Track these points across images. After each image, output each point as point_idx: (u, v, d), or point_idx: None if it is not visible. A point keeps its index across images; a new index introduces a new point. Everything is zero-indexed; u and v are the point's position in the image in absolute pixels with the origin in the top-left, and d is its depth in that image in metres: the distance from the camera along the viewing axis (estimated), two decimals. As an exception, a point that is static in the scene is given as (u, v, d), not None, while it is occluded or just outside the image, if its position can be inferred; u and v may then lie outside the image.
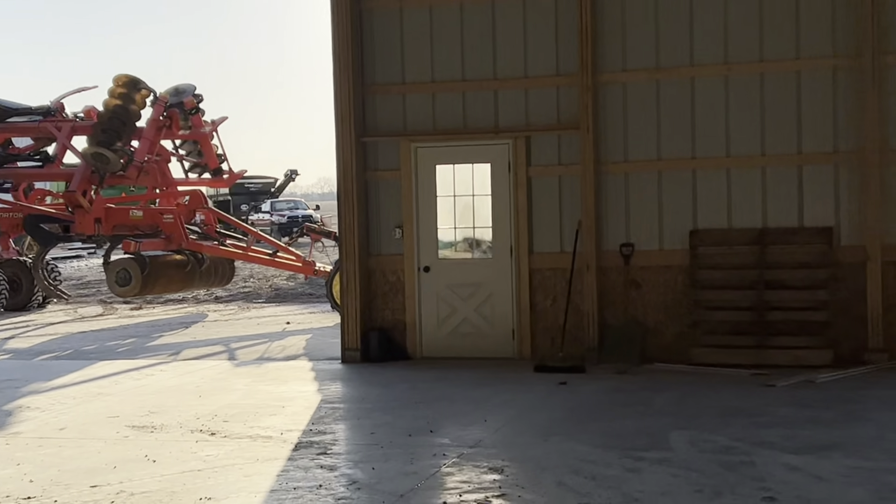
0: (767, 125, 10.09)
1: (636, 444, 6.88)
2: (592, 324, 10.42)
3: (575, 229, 10.52)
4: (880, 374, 9.31)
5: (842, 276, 9.91)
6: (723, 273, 10.21)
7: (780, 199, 10.08)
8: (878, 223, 9.72)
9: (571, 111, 10.53)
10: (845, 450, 6.55)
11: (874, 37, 9.62)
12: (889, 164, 9.76)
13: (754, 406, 8.07)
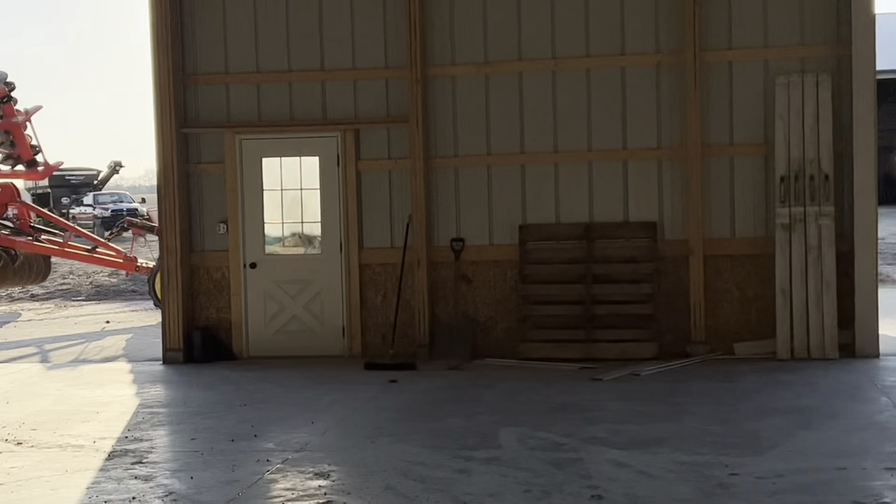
0: (594, 120, 10.16)
1: (466, 443, 6.76)
2: (423, 320, 10.30)
3: (405, 224, 10.37)
4: (702, 365, 9.50)
5: (666, 270, 10.07)
6: (551, 268, 10.24)
7: (606, 194, 10.18)
8: (699, 218, 9.92)
9: (401, 104, 10.37)
10: (671, 444, 6.60)
11: (696, 34, 9.80)
12: (710, 160, 9.97)
13: (583, 401, 8.08)
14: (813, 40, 9.76)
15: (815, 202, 9.66)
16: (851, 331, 9.69)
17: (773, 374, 8.90)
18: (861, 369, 9.01)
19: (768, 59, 9.82)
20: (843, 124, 9.72)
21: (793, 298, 9.66)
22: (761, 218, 9.96)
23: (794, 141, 9.70)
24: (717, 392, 8.26)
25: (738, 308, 10.00)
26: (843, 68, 9.68)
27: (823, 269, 9.63)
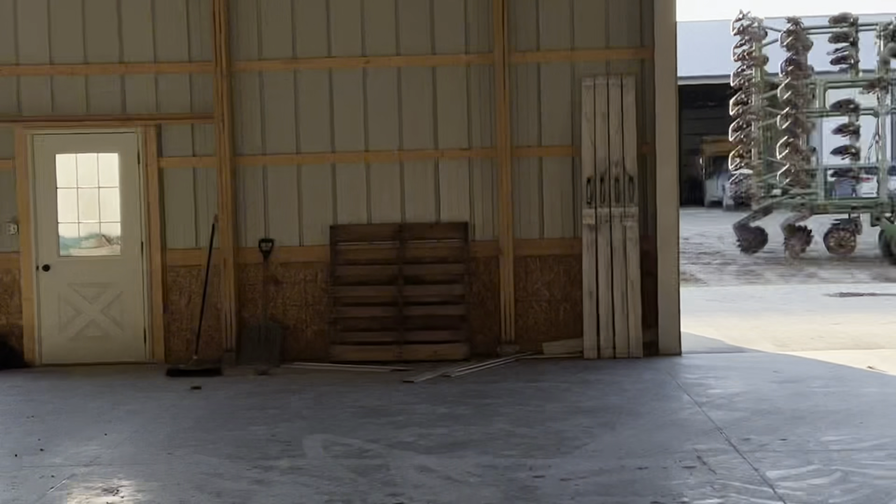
0: (405, 120, 10.06)
1: (268, 452, 6.52)
2: (230, 323, 9.96)
3: (211, 224, 10.00)
4: (512, 366, 9.52)
5: (477, 271, 10.06)
6: (363, 269, 10.08)
7: (418, 195, 10.08)
8: (509, 219, 9.94)
9: (206, 100, 10.00)
10: (478, 447, 6.53)
11: (504, 36, 9.81)
12: (519, 161, 10.00)
13: (392, 404, 7.95)
14: (618, 44, 9.92)
15: (620, 203, 9.83)
16: (655, 329, 9.90)
17: (580, 374, 8.99)
18: (664, 367, 9.20)
19: (575, 62, 9.93)
20: (646, 127, 9.92)
21: (599, 298, 9.79)
22: (569, 219, 10.06)
23: (599, 143, 9.84)
24: (526, 392, 8.27)
25: (548, 308, 10.07)
26: (647, 72, 9.88)
27: (628, 270, 9.81)
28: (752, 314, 12.68)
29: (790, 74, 19.17)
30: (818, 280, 16.66)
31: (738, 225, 20.53)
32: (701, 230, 30.37)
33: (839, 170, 19.87)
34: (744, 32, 20.06)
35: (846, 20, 19.52)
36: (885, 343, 10.18)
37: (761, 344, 10.43)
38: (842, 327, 11.32)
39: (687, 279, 17.24)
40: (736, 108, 20.20)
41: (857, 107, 19.35)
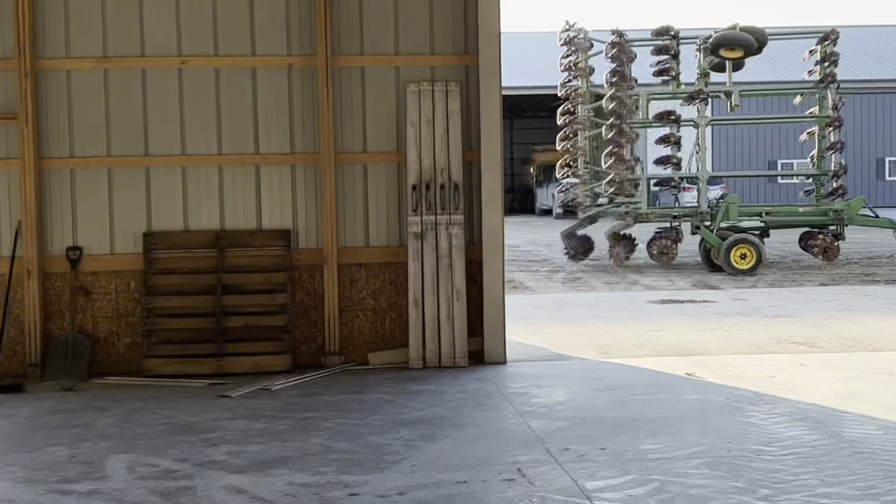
0: (224, 123, 9.69)
1: (66, 474, 6.08)
2: (35, 336, 9.37)
3: (14, 231, 9.40)
4: (336, 377, 9.27)
5: (300, 280, 9.77)
6: (179, 278, 9.65)
7: (239, 201, 9.73)
8: (333, 226, 9.70)
9: (9, 99, 9.40)
10: (294, 464, 6.26)
11: (327, 38, 9.57)
12: (344, 167, 9.78)
13: (206, 420, 7.58)
14: (443, 50, 9.81)
15: (445, 211, 9.71)
16: (481, 338, 9.83)
17: (404, 385, 8.81)
18: (489, 376, 9.12)
19: (400, 67, 9.77)
20: (472, 134, 9.84)
21: (425, 307, 9.65)
22: (395, 227, 9.89)
23: (425, 149, 9.71)
24: (348, 405, 8.03)
25: (373, 317, 9.87)
26: (472, 79, 9.80)
27: (454, 278, 9.70)
28: (577, 321, 12.79)
29: (615, 86, 19.56)
30: (641, 287, 17.01)
31: (566, 233, 20.82)
32: (531, 238, 30.84)
33: (662, 179, 20.39)
34: (570, 43, 20.38)
35: (668, 33, 20.07)
36: (703, 349, 10.38)
37: (585, 351, 10.49)
38: (662, 334, 11.51)
39: (516, 286, 17.37)
40: (563, 118, 20.49)
41: (678, 118, 19.90)
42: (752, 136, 45.74)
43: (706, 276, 18.47)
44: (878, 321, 12.12)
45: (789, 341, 10.80)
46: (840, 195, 19.77)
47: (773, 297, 15.11)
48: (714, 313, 13.32)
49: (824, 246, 19.49)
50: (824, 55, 20.15)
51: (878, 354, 9.77)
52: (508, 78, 43.72)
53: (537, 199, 47.77)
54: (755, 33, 20.00)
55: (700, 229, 19.50)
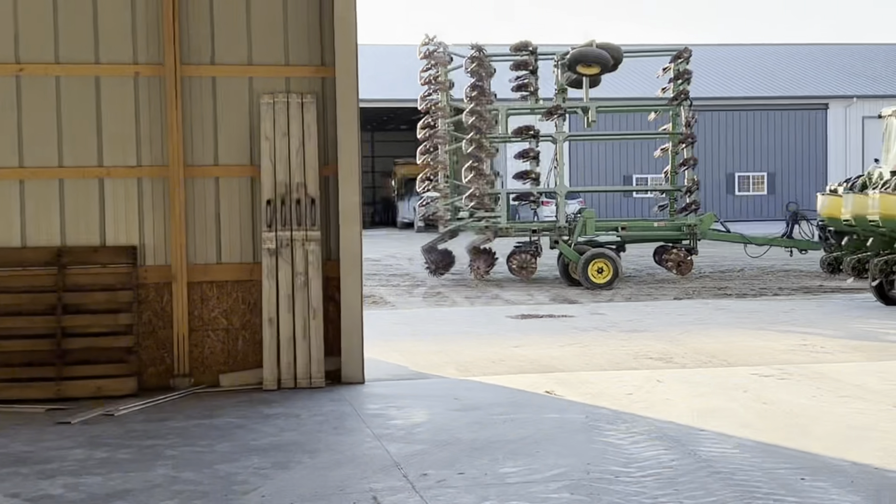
0: (65, 134, 9.19)
1: None
2: None
3: None
4: (185, 400, 8.86)
5: (148, 299, 9.33)
6: (14, 297, 9.08)
7: (81, 216, 9.23)
8: (183, 242, 9.30)
9: None
10: (135, 498, 5.89)
11: (176, 46, 9.18)
12: (194, 181, 9.39)
13: (42, 450, 7.10)
14: (298, 61, 9.52)
15: (301, 227, 9.42)
16: (338, 357, 9.56)
17: (257, 407, 8.47)
18: (346, 397, 8.86)
19: (253, 77, 9.44)
20: (329, 147, 9.58)
21: (280, 326, 9.33)
22: (249, 243, 9.55)
23: (280, 163, 9.40)
24: (196, 431, 7.65)
25: (225, 337, 9.50)
26: (328, 91, 9.55)
27: (310, 296, 9.40)
28: (437, 338, 12.63)
29: (474, 100, 19.54)
30: (502, 302, 16.99)
31: (426, 247, 20.70)
32: (392, 251, 30.66)
33: (521, 194, 20.47)
34: (430, 57, 20.28)
35: (526, 48, 20.17)
36: (563, 366, 10.33)
37: (445, 369, 10.33)
38: (522, 350, 11.45)
39: (376, 302, 17.14)
40: (423, 132, 20.36)
41: (537, 133, 20.02)
42: (609, 151, 46.71)
43: (565, 291, 18.60)
44: (731, 335, 12.33)
45: (646, 357, 10.86)
46: (693, 210, 20.18)
47: (629, 311, 15.26)
48: (573, 328, 13.35)
49: (678, 260, 19.87)
50: (677, 73, 20.57)
51: (733, 370, 9.88)
52: (368, 91, 43.57)
53: (398, 212, 47.68)
54: (611, 50, 20.28)
55: (559, 244, 19.63)
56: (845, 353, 10.87)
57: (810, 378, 9.20)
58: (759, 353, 10.94)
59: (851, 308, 14.97)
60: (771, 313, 14.59)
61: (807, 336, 12.13)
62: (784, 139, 48.54)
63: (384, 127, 56.68)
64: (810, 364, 10.05)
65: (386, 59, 48.79)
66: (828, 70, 52.50)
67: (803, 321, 13.62)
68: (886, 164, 20.80)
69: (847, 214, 15.14)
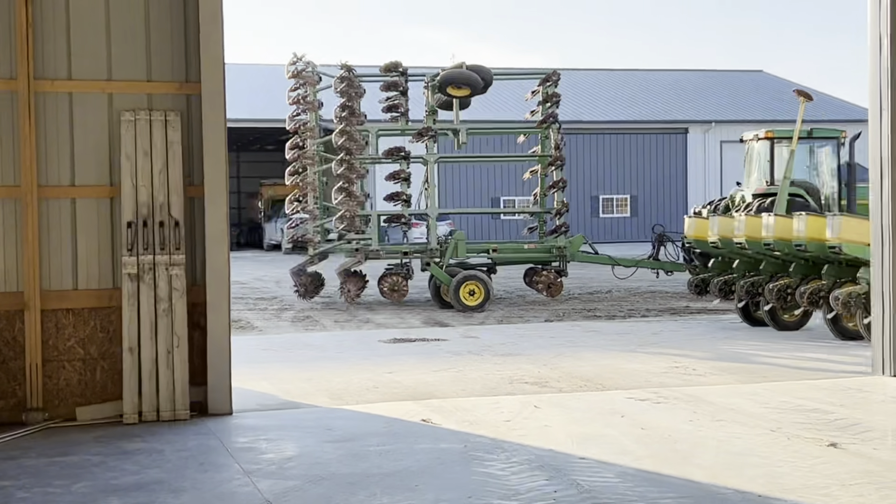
0: None
1: None
2: None
3: None
4: (40, 436, 8.29)
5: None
6: None
7: (-77, 239, 8.59)
8: (36, 267, 8.74)
9: None
10: (-21, 549, 5.38)
11: (30, 60, 8.65)
12: (49, 202, 8.84)
13: None
14: (161, 77, 9.07)
15: (165, 250, 8.96)
16: (204, 388, 9.12)
17: (117, 443, 7.97)
18: (213, 430, 8.43)
19: (113, 94, 8.95)
20: (194, 167, 9.16)
21: (142, 356, 8.84)
22: (108, 268, 9.03)
23: (142, 184, 8.93)
24: (50, 470, 7.13)
25: (82, 368, 8.95)
26: (194, 109, 9.13)
27: (174, 323, 8.94)
28: (308, 364, 12.26)
29: (344, 120, 19.25)
30: (373, 325, 16.70)
31: (295, 270, 20.25)
32: (260, 274, 30.04)
33: (392, 216, 20.19)
34: (298, 76, 19.91)
35: (396, 69, 20.00)
36: (438, 392, 10.10)
37: (317, 397, 9.98)
38: (396, 376, 11.18)
39: (243, 327, 16.65)
40: (292, 153, 19.96)
41: (407, 154, 19.82)
42: (477, 173, 46.98)
43: (437, 313, 18.42)
44: (604, 358, 12.31)
45: (522, 381, 10.72)
46: (563, 232, 20.28)
47: (502, 334, 15.17)
48: (446, 352, 13.15)
49: (548, 282, 19.92)
50: (546, 96, 20.69)
51: (609, 394, 9.81)
52: (235, 110, 42.89)
53: (265, 233, 46.93)
54: (481, 72, 20.28)
55: (430, 266, 19.46)
56: (717, 376, 10.94)
57: (686, 401, 9.18)
58: (633, 376, 10.93)
59: (718, 329, 15.19)
60: (641, 335, 14.68)
61: (678, 358, 12.20)
62: (646, 162, 49.69)
63: (249, 147, 55.82)
64: (684, 387, 10.06)
65: (250, 78, 48.08)
66: (688, 95, 54.07)
67: (673, 343, 13.73)
68: (748, 187, 21.40)
69: (714, 237, 15.36)
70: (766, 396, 9.37)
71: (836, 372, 11.03)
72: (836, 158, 20.68)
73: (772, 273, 14.53)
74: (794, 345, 13.32)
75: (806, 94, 17.15)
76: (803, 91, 17.16)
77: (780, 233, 13.70)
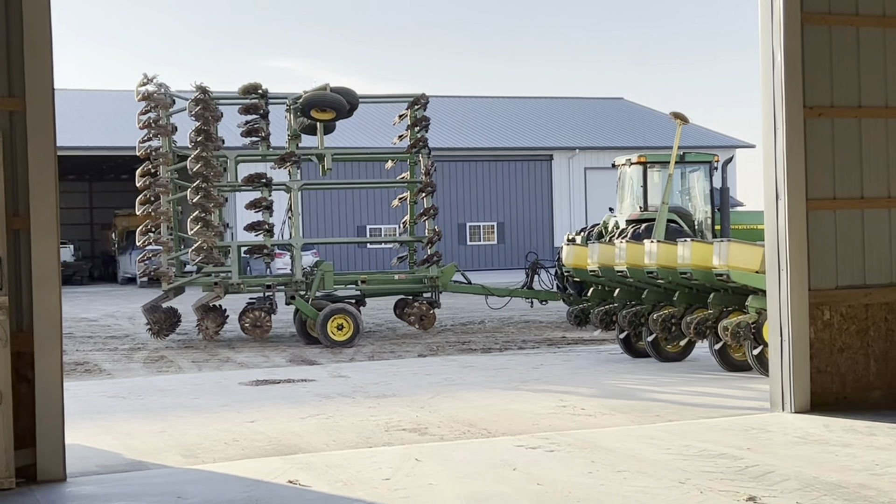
0: None
1: None
2: None
3: None
4: None
5: None
6: None
7: None
8: None
9: None
10: None
11: None
12: None
13: None
14: (-21, 92, 7.82)
15: (-16, 292, 7.68)
16: (33, 449, 7.84)
17: (-79, 525, 6.67)
18: (42, 501, 7.19)
19: (-82, 109, 7.66)
20: (19, 196, 7.91)
21: (-44, 416, 7.51)
22: (-85, 313, 7.69)
23: (-45, 215, 7.64)
24: None
25: None
26: (18, 129, 7.90)
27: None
28: (159, 413, 11.02)
29: (200, 145, 17.95)
30: (233, 365, 15.48)
31: (148, 307, 18.78)
32: (112, 310, 28.30)
33: (253, 247, 18.89)
34: (149, 98, 18.54)
35: (256, 91, 18.84)
36: (307, 444, 9.04)
37: (168, 455, 8.80)
38: (259, 425, 10.07)
39: (90, 370, 15.24)
40: (143, 180, 18.55)
41: (269, 181, 18.62)
42: (341, 200, 45.86)
43: (303, 350, 17.29)
44: (486, 398, 11.44)
45: (399, 428, 9.75)
46: (435, 262, 19.36)
47: (374, 371, 14.16)
48: (315, 395, 12.07)
49: (420, 314, 18.93)
50: (415, 119, 19.83)
51: (496, 441, 8.90)
52: (85, 138, 40.75)
53: (120, 266, 44.81)
54: (346, 95, 19.27)
55: (295, 299, 18.27)
56: (608, 416, 10.17)
57: (581, 448, 8.34)
58: (520, 418, 10.07)
59: (600, 362, 14.51)
60: (521, 370, 13.88)
61: (564, 396, 11.41)
62: (512, 189, 49.42)
63: (104, 177, 53.50)
64: (576, 430, 9.24)
65: (105, 104, 45.99)
66: (552, 122, 54.17)
67: (556, 378, 12.96)
68: (621, 213, 20.92)
69: (593, 264, 14.67)
70: (665, 440, 8.61)
71: (733, 409, 10.38)
72: (708, 183, 20.38)
73: (654, 302, 13.92)
74: (681, 377, 12.70)
75: (682, 116, 16.70)
76: (679, 113, 16.71)
77: (664, 260, 13.08)
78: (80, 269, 46.63)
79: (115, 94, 48.52)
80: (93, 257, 51.79)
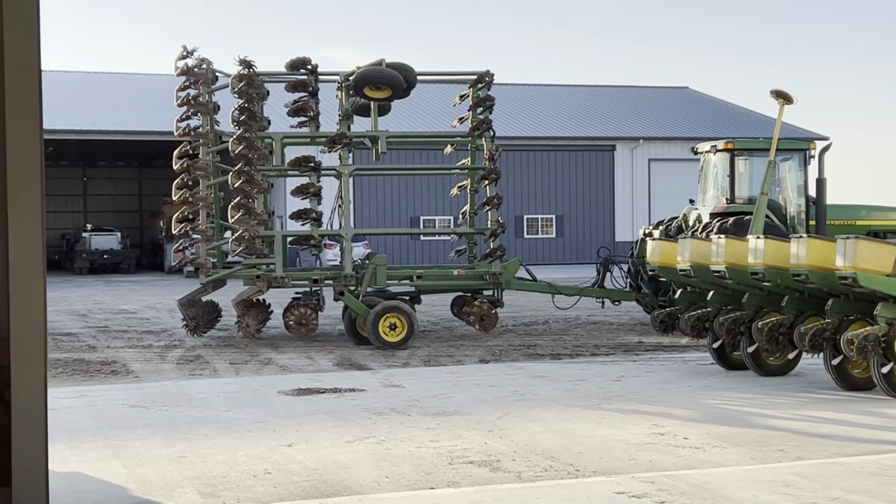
0: None
1: None
2: None
3: None
4: None
5: None
6: None
7: None
8: None
9: None
10: None
11: None
12: None
13: None
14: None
15: (-52, 290, 6.08)
16: (9, 489, 6.24)
17: None
18: (11, 562, 5.56)
19: None
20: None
21: None
22: None
23: (-89, 191, 6.04)
24: None
25: None
26: (-4, 83, 6.28)
27: (-38, 397, 6.06)
28: (182, 430, 9.42)
29: (243, 125, 16.31)
30: (275, 368, 13.88)
31: (184, 301, 17.20)
32: (153, 302, 26.95)
33: (300, 237, 17.21)
34: (188, 73, 16.93)
35: (304, 66, 17.13)
36: (352, 482, 7.34)
37: (183, 492, 7.17)
38: (297, 450, 8.42)
39: (116, 371, 13.75)
40: (180, 162, 16.95)
41: (318, 165, 16.91)
42: (395, 189, 44.24)
43: (352, 352, 15.64)
44: (564, 419, 9.69)
45: (464, 459, 8.03)
46: (499, 256, 17.53)
47: (431, 380, 12.46)
48: (364, 410, 10.39)
49: (481, 314, 17.06)
50: (478, 99, 18.03)
51: (588, 485, 7.12)
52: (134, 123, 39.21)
53: (167, 255, 43.59)
54: (403, 71, 17.49)
55: (344, 295, 16.59)
56: (718, 448, 8.37)
57: (699, 499, 6.56)
58: (610, 450, 8.31)
59: (690, 374, 12.67)
60: (599, 382, 12.10)
61: (657, 419, 9.63)
62: (572, 181, 47.48)
63: (153, 163, 52.40)
64: (685, 471, 7.46)
65: (157, 88, 44.76)
66: (615, 112, 52.10)
67: (643, 395, 11.16)
68: (704, 205, 19.00)
69: (684, 263, 12.81)
70: (804, 488, 6.80)
71: (870, 442, 8.55)
72: (802, 172, 18.38)
73: (756, 307, 12.05)
74: (792, 397, 10.84)
75: (785, 94, 14.72)
76: (782, 91, 14.73)
77: (773, 259, 11.21)
78: (127, 258, 45.65)
79: (167, 78, 47.36)
80: (141, 245, 50.77)
